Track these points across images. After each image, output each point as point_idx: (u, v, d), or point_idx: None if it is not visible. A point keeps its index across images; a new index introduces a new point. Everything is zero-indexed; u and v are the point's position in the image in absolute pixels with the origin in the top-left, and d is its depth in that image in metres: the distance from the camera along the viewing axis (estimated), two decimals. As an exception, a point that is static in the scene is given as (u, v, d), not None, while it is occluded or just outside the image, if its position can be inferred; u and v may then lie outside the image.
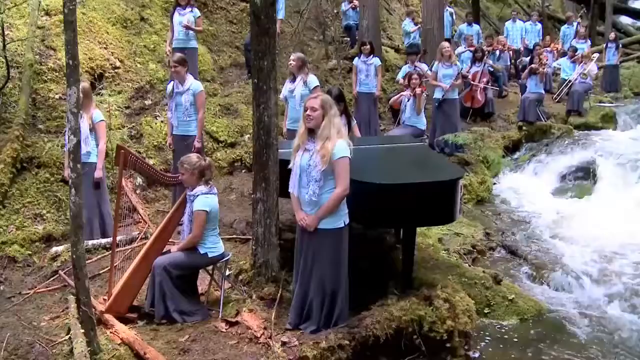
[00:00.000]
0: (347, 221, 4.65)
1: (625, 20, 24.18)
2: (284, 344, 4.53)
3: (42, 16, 8.78)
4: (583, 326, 5.64)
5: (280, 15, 10.54)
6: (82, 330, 4.22)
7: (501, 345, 5.26)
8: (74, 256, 4.33)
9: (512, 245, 7.43)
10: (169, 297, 4.98)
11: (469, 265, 6.53)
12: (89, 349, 4.12)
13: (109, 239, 6.47)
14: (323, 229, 4.59)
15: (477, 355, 5.03)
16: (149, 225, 6.96)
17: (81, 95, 5.57)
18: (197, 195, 5.03)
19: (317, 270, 4.67)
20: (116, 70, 9.03)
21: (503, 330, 5.49)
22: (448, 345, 4.84)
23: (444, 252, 6.69)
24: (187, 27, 9.10)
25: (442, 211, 5.04)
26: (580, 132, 12.33)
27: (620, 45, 16.22)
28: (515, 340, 5.36)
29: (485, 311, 5.70)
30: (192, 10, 9.31)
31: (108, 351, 4.47)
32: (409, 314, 4.75)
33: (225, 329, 4.84)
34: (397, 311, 4.74)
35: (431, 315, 4.79)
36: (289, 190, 4.81)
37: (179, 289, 5.04)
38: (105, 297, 5.22)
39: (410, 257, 5.30)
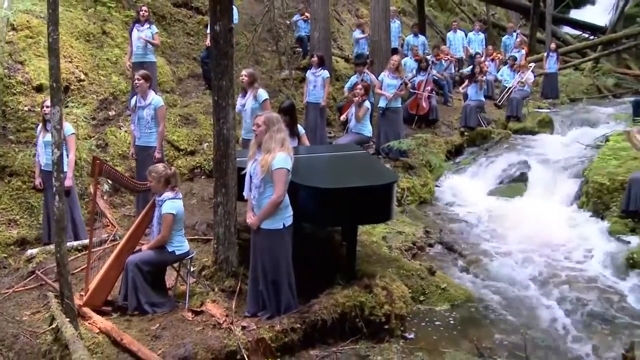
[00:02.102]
0: (288, 223, 5.37)
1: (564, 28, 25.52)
2: (243, 328, 5.23)
3: (9, 31, 9.22)
4: (505, 310, 6.45)
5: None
6: (68, 319, 4.81)
7: (434, 327, 6.01)
8: (58, 255, 4.92)
9: (448, 242, 8.25)
10: (140, 290, 5.60)
11: (409, 260, 7.31)
12: (77, 332, 4.72)
13: (81, 242, 7.07)
14: (263, 229, 5.35)
15: (412, 335, 5.76)
16: (117, 229, 7.52)
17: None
18: (165, 200, 5.67)
19: (261, 263, 5.42)
20: (81, 83, 9.54)
21: (435, 315, 6.26)
22: (386, 327, 5.59)
23: (386, 248, 7.44)
24: (146, 40, 9.69)
25: (380, 211, 5.84)
26: (519, 136, 13.26)
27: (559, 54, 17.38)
28: (446, 322, 6.13)
29: (421, 299, 6.47)
30: (150, 27, 9.90)
31: (88, 339, 5.07)
32: (352, 300, 5.50)
33: (192, 318, 5.49)
34: (342, 298, 5.50)
35: (371, 301, 5.56)
36: (243, 194, 5.58)
37: (149, 283, 5.67)
38: (82, 293, 5.79)
39: (353, 251, 6.07)
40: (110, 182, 8.09)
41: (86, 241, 6.87)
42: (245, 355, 4.99)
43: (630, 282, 7.09)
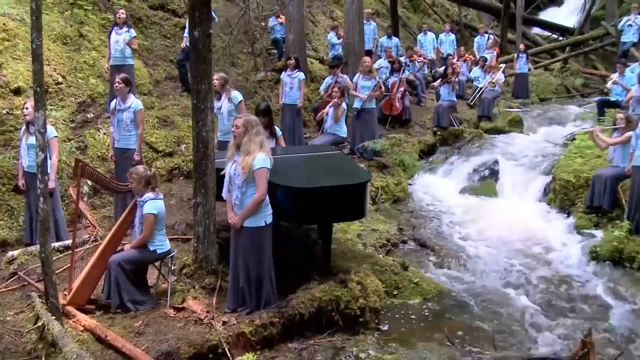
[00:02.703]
0: (269, 221, 5.59)
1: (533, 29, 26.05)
2: (224, 323, 5.43)
3: (-15, 35, 9.29)
4: (475, 303, 6.75)
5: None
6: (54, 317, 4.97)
7: (407, 320, 6.28)
8: (43, 255, 5.09)
9: (421, 238, 8.54)
10: (123, 289, 5.78)
11: (383, 256, 7.57)
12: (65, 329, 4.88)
13: (62, 242, 7.20)
14: (246, 227, 5.55)
15: (386, 328, 6.03)
16: (98, 230, 7.66)
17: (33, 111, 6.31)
18: (146, 201, 5.86)
19: (244, 261, 5.62)
20: (59, 86, 9.62)
21: (409, 308, 6.53)
22: (361, 320, 5.86)
23: (361, 245, 7.70)
24: (124, 43, 9.83)
25: (354, 209, 6.11)
26: (490, 135, 13.59)
27: (529, 55, 17.82)
28: (419, 315, 6.40)
29: (394, 293, 6.73)
30: (128, 31, 10.03)
31: (73, 336, 5.22)
32: (328, 294, 5.75)
33: (174, 314, 5.67)
34: (318, 293, 5.74)
35: (346, 295, 5.81)
36: (222, 194, 5.78)
37: (132, 281, 5.84)
38: (66, 292, 5.93)
39: (328, 248, 6.32)
40: (90, 183, 8.21)
41: (68, 242, 7.04)
42: (226, 349, 5.19)
43: (592, 273, 7.48)
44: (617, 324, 6.19)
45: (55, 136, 7.23)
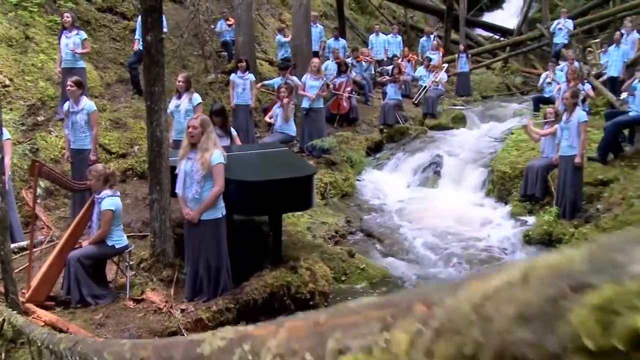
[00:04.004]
0: (224, 213, 5.96)
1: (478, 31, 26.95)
2: (182, 311, 5.74)
3: None
4: (417, 285, 7.21)
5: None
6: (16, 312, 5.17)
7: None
8: (2, 253, 5.27)
9: (368, 229, 9.00)
10: (82, 284, 5.98)
11: (331, 246, 7.98)
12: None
13: (17, 244, 7.32)
14: (204, 220, 5.89)
15: (335, 311, 6.42)
16: (53, 231, 7.82)
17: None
18: (104, 198, 6.10)
19: (203, 252, 5.95)
20: (7, 89, 9.67)
21: (356, 292, 6.99)
22: (311, 303, 6.27)
23: (310, 237, 8.11)
24: (74, 52, 9.92)
25: (301, 200, 6.53)
26: (434, 132, 14.19)
27: (470, 55, 18.56)
28: (365, 297, 6.81)
29: (342, 279, 7.19)
30: (78, 33, 10.12)
31: (35, 329, 5.43)
32: (280, 280, 6.14)
33: (133, 306, 5.93)
34: (270, 279, 6.12)
35: (296, 280, 6.22)
36: (176, 191, 6.08)
37: (91, 276, 6.05)
38: (24, 291, 6.09)
39: (278, 238, 6.72)
40: (43, 185, 8.35)
41: (23, 243, 7.19)
42: (185, 335, 5.49)
43: (525, 254, 8.06)
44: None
45: (9, 138, 7.36)
